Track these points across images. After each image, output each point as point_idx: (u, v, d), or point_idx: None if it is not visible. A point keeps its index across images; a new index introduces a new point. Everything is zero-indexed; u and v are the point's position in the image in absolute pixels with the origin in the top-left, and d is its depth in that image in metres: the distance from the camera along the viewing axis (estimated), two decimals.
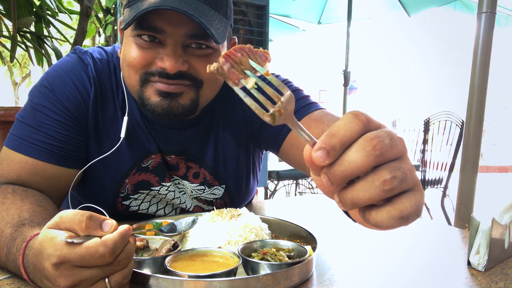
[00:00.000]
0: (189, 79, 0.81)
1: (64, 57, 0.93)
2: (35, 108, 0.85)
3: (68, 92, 0.86)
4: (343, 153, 0.36)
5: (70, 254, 0.48)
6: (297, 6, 5.61)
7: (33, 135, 0.83)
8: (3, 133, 1.80)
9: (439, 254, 0.82)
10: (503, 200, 0.75)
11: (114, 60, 0.94)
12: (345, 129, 0.36)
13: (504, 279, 0.68)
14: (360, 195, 0.36)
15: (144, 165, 0.95)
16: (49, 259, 0.48)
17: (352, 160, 0.36)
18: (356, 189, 0.37)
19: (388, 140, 0.36)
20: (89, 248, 0.48)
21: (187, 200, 1.03)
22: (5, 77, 11.54)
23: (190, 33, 0.77)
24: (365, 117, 0.37)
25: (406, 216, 0.37)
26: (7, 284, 0.60)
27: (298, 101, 0.91)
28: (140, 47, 0.79)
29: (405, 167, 0.37)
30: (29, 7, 2.38)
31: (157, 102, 0.80)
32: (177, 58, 0.77)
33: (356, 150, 0.36)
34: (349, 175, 0.36)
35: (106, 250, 0.48)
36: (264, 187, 3.95)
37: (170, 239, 0.71)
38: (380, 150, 0.35)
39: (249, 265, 0.65)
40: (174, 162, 0.98)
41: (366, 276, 0.69)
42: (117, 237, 0.50)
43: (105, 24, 3.61)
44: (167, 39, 0.77)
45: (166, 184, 0.99)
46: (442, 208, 3.50)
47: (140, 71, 0.80)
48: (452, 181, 3.25)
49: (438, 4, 5.03)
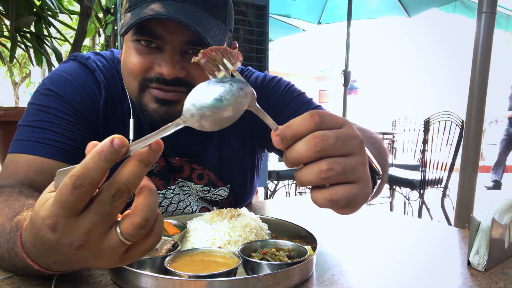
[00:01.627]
0: (185, 86, 0.80)
1: (64, 64, 0.91)
2: (41, 110, 0.82)
3: (77, 95, 0.85)
4: (294, 144, 0.44)
5: (54, 206, 0.39)
6: (297, 6, 5.61)
7: (39, 134, 0.80)
8: (3, 133, 1.80)
9: (439, 254, 0.82)
10: (503, 200, 0.75)
11: (116, 65, 0.94)
12: (299, 125, 0.44)
13: (504, 279, 0.68)
14: (303, 177, 0.45)
15: (149, 169, 0.95)
16: (44, 225, 0.40)
17: (297, 151, 0.44)
18: (301, 172, 0.45)
19: (333, 139, 0.44)
20: (61, 187, 0.38)
21: (193, 202, 1.04)
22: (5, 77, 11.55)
23: (187, 40, 0.77)
24: (319, 118, 0.44)
25: (335, 200, 0.45)
26: (7, 284, 0.60)
27: (303, 105, 0.96)
28: (139, 53, 0.79)
29: (348, 163, 0.45)
30: (29, 7, 2.38)
31: (154, 109, 0.81)
32: (174, 64, 0.77)
33: (302, 143, 0.44)
34: (296, 161, 0.45)
35: (73, 179, 0.37)
36: (264, 187, 3.95)
37: (170, 239, 0.71)
38: (321, 147, 0.43)
39: (249, 265, 0.65)
40: (178, 164, 0.98)
41: (366, 276, 0.69)
42: (85, 159, 0.38)
43: (105, 24, 3.61)
44: (165, 45, 0.77)
45: (171, 188, 0.99)
46: (442, 208, 3.50)
47: (138, 77, 0.80)
48: (452, 181, 3.25)
49: (438, 4, 5.03)
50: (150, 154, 0.41)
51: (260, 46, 2.81)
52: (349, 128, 0.46)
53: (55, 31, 2.67)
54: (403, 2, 5.25)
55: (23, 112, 0.87)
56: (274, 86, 1.02)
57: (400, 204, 4.12)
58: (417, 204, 3.57)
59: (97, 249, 0.41)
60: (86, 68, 0.89)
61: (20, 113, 0.88)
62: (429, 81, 13.55)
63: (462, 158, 2.01)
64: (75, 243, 0.40)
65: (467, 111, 1.98)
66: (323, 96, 16.29)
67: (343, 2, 5.21)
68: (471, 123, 1.96)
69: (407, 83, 14.24)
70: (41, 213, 0.40)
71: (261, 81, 1.04)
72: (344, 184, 0.45)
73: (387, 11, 5.56)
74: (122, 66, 0.84)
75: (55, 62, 2.62)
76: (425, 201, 3.52)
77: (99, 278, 0.64)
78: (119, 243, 0.41)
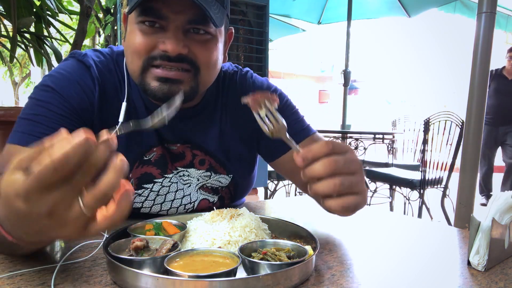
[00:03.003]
0: (188, 63, 0.85)
1: (64, 62, 0.95)
2: (37, 104, 0.86)
3: (73, 91, 0.88)
4: (312, 163, 0.61)
5: (28, 180, 0.43)
6: (297, 6, 5.62)
7: (32, 127, 0.84)
8: (3, 133, 1.80)
9: (439, 254, 0.82)
10: (503, 200, 0.75)
11: (116, 57, 0.97)
12: (316, 150, 0.62)
13: (504, 279, 0.68)
14: (320, 189, 0.62)
15: (146, 158, 0.98)
16: (17, 197, 0.44)
17: (317, 169, 0.61)
18: (318, 185, 0.62)
19: (342, 162, 0.62)
20: (42, 168, 0.42)
21: (193, 192, 1.05)
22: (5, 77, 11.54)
23: (190, 19, 0.82)
24: (332, 146, 0.62)
25: (346, 207, 0.64)
26: (7, 284, 0.60)
27: (299, 122, 1.09)
28: (143, 33, 0.83)
29: (354, 180, 0.64)
30: (29, 7, 2.38)
31: (157, 87, 0.84)
32: (178, 41, 0.82)
33: (319, 164, 0.61)
34: (314, 176, 0.62)
35: (54, 164, 0.41)
36: (264, 187, 3.95)
37: (170, 239, 0.71)
38: (334, 168, 0.61)
39: (249, 265, 0.65)
40: (181, 150, 1.01)
41: (366, 276, 0.69)
42: (59, 140, 0.43)
43: (104, 24, 3.61)
44: (169, 25, 0.82)
45: (169, 176, 1.01)
46: (442, 208, 3.50)
47: (143, 56, 0.84)
48: (452, 181, 3.25)
49: (438, 4, 5.04)
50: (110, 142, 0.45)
51: (260, 46, 2.81)
52: (353, 154, 0.66)
53: (55, 31, 2.67)
54: (403, 2, 5.25)
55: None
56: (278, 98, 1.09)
57: (400, 204, 4.12)
58: (417, 204, 3.57)
59: (61, 219, 0.46)
60: (83, 65, 0.93)
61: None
62: (429, 81, 13.55)
63: (462, 158, 2.01)
64: (43, 212, 0.45)
65: (467, 111, 1.98)
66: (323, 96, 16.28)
67: (343, 2, 5.21)
68: (471, 123, 1.96)
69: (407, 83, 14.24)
70: (14, 187, 0.44)
71: (260, 86, 1.10)
72: (351, 194, 0.64)
73: (387, 11, 5.57)
74: (126, 48, 0.89)
75: (55, 62, 2.62)
76: (425, 201, 3.52)
77: (99, 278, 0.64)
78: (81, 213, 0.45)
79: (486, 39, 1.89)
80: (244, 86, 1.09)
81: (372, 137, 4.32)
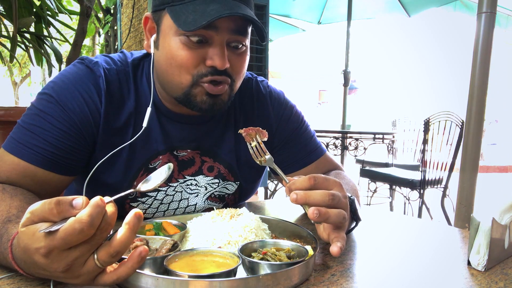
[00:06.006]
0: (228, 76, 0.87)
1: (71, 67, 0.91)
2: (38, 114, 0.84)
3: (75, 104, 0.86)
4: (310, 193, 0.71)
5: (53, 241, 0.49)
6: (297, 6, 5.62)
7: (30, 139, 0.82)
8: (3, 133, 1.80)
9: (439, 254, 0.82)
10: (503, 200, 0.75)
11: (128, 67, 0.94)
12: (300, 184, 0.73)
13: (504, 279, 0.68)
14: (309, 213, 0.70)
15: (151, 166, 0.96)
16: (37, 252, 0.50)
17: (315, 198, 0.71)
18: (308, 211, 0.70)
19: (337, 199, 0.72)
20: (67, 230, 0.48)
21: (199, 202, 1.04)
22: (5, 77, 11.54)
23: (234, 34, 0.84)
24: (314, 180, 0.73)
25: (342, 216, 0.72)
26: (7, 284, 0.60)
27: (311, 142, 1.14)
28: (189, 47, 0.83)
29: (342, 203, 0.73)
30: (29, 7, 2.38)
31: (204, 100, 0.87)
32: (225, 56, 0.83)
33: (319, 195, 0.71)
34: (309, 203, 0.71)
35: (82, 225, 0.48)
36: (264, 187, 3.96)
37: (170, 239, 0.71)
38: (332, 200, 0.71)
39: (249, 265, 0.65)
40: (190, 156, 1.00)
41: (366, 277, 0.69)
42: (89, 209, 0.49)
43: (104, 24, 3.61)
44: (214, 39, 0.83)
45: (173, 185, 1.00)
46: (442, 208, 3.50)
47: (192, 71, 0.84)
48: (452, 181, 3.25)
49: (438, 4, 5.03)
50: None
51: (260, 46, 2.81)
52: (341, 189, 0.76)
53: (55, 31, 2.67)
54: (403, 1, 5.25)
55: (23, 112, 0.88)
56: (294, 115, 1.14)
57: (400, 204, 4.12)
58: (417, 204, 3.57)
59: (76, 272, 0.52)
60: (92, 74, 0.89)
61: (20, 113, 0.89)
62: (429, 81, 13.55)
63: (462, 158, 2.01)
64: (60, 268, 0.51)
65: (467, 111, 1.98)
66: (323, 96, 16.28)
67: (343, 2, 5.21)
68: (471, 123, 1.96)
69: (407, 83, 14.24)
70: (36, 245, 0.50)
71: (277, 97, 1.13)
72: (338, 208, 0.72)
73: (387, 11, 5.56)
74: (167, 60, 0.86)
75: (54, 62, 2.63)
76: (425, 201, 3.52)
77: None
78: (95, 267, 0.52)
79: (486, 39, 1.89)
80: (261, 94, 1.09)
81: (372, 137, 4.32)
